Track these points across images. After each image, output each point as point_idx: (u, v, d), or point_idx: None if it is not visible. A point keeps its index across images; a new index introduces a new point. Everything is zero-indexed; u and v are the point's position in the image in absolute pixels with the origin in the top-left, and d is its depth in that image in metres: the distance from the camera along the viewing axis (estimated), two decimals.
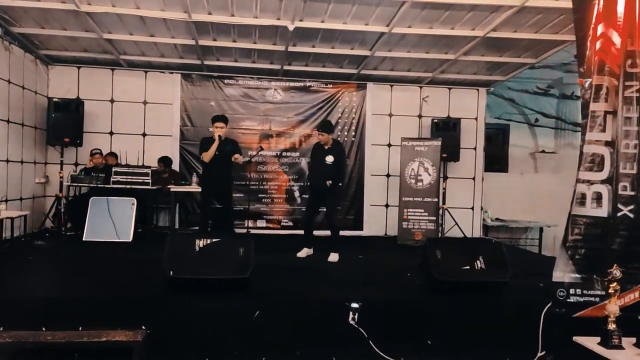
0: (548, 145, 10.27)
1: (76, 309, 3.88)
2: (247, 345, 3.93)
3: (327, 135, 6.14)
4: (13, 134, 7.17)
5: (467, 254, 4.54)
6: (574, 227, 4.09)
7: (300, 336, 3.99)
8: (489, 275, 4.42)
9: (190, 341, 3.88)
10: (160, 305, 3.98)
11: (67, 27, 6.93)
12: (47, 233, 7.71)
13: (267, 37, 7.13)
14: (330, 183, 6.00)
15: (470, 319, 4.18)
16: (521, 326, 4.14)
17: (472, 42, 6.98)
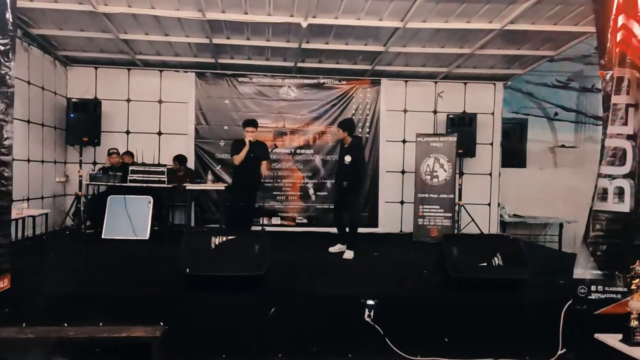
0: (568, 139, 10.12)
1: (97, 305, 3.92)
2: (264, 341, 3.94)
3: (341, 132, 6.15)
4: (33, 134, 7.28)
5: (484, 250, 4.50)
6: (595, 223, 4.01)
7: (316, 333, 3.99)
8: (507, 272, 4.37)
9: (207, 337, 3.91)
10: (178, 302, 4.02)
11: (84, 28, 7.01)
12: (68, 231, 7.82)
13: (281, 34, 7.12)
14: (347, 184, 6.01)
15: (489, 316, 4.14)
16: (541, 324, 4.09)
17: (489, 36, 6.88)
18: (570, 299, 3.99)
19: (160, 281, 4.55)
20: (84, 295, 4.07)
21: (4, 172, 3.76)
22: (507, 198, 9.39)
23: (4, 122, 3.75)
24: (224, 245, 4.23)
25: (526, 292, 4.39)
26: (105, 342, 3.65)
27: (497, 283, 4.36)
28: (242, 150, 6.28)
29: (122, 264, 5.48)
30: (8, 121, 3.78)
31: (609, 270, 3.95)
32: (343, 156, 6.17)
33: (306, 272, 5.23)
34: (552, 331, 4.01)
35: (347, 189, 6.06)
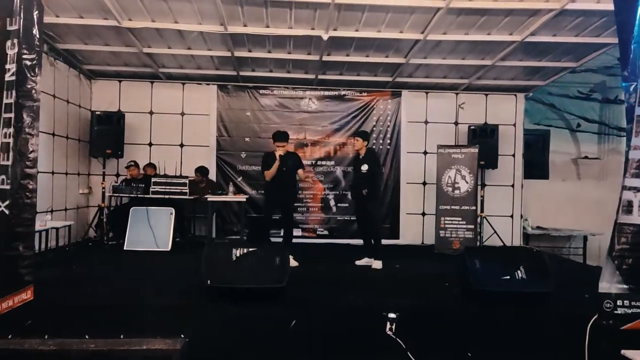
0: (591, 150, 9.94)
1: (117, 317, 3.96)
2: (284, 354, 3.91)
3: (360, 141, 6.21)
4: (58, 147, 7.44)
5: (507, 263, 4.43)
6: (620, 236, 3.91)
7: (337, 346, 3.95)
8: (531, 285, 4.29)
9: (227, 349, 3.89)
10: (199, 313, 4.02)
11: (109, 43, 7.17)
12: (90, 242, 7.93)
13: (302, 47, 7.17)
14: (366, 192, 6.01)
15: (512, 330, 4.06)
16: (566, 339, 3.98)
17: (510, 47, 6.84)
18: (596, 314, 3.89)
19: (182, 293, 4.57)
20: (105, 307, 4.10)
21: (28, 185, 3.83)
22: (530, 210, 9.25)
23: (30, 135, 3.83)
24: (244, 257, 4.24)
25: (550, 306, 4.30)
26: (127, 354, 3.66)
27: (521, 296, 4.28)
28: (272, 165, 6.09)
29: (143, 275, 5.53)
30: (34, 134, 3.86)
31: (635, 284, 3.84)
32: (359, 166, 6.20)
33: (327, 284, 5.21)
34: (578, 346, 3.90)
35: (366, 197, 6.06)
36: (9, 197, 3.70)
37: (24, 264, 3.85)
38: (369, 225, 6.35)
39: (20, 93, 3.77)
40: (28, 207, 3.87)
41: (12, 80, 3.74)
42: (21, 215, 3.81)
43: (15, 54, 3.74)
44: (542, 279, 4.31)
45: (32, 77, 3.85)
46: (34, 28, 3.85)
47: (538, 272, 4.34)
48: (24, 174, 3.81)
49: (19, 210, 3.78)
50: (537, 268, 4.37)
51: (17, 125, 3.75)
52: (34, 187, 3.90)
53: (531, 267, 4.36)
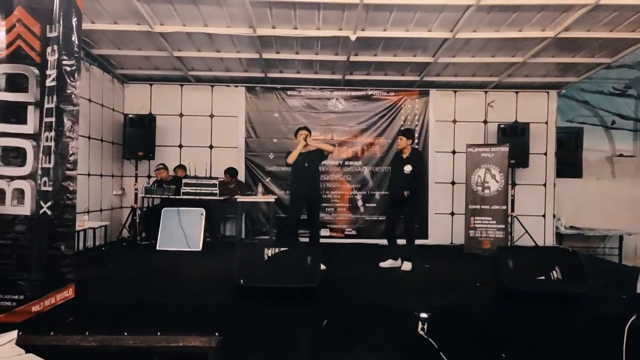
0: (626, 148, 9.70)
1: (154, 315, 4.05)
2: (316, 353, 3.95)
3: (405, 140, 6.12)
4: (93, 149, 7.64)
5: (541, 263, 4.37)
6: None
7: (369, 345, 3.96)
8: (567, 286, 4.22)
9: (260, 348, 3.94)
10: (232, 312, 4.08)
11: (141, 47, 7.32)
12: (124, 242, 8.11)
13: (329, 47, 7.20)
14: (408, 193, 5.94)
15: (547, 331, 4.01)
16: (603, 340, 3.91)
17: (542, 44, 6.73)
18: (634, 314, 3.82)
19: (214, 292, 4.65)
20: (142, 305, 4.20)
21: (69, 186, 3.96)
22: (563, 209, 9.08)
23: (70, 138, 3.96)
24: (276, 257, 4.28)
25: (587, 307, 4.23)
26: (163, 351, 3.75)
27: (556, 297, 4.21)
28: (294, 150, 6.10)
29: (177, 274, 5.63)
30: (74, 138, 4.00)
31: None
32: (402, 166, 6.07)
33: (357, 283, 5.22)
34: (616, 347, 3.83)
35: (408, 199, 5.98)
36: (51, 198, 3.84)
37: (65, 262, 3.99)
38: (408, 227, 6.24)
39: (61, 98, 3.90)
40: (69, 208, 4.00)
41: (53, 86, 3.88)
42: (63, 216, 3.94)
43: (55, 60, 3.87)
44: (579, 279, 4.24)
45: (71, 83, 3.99)
46: (73, 35, 3.98)
47: (574, 272, 4.27)
48: (65, 176, 3.95)
49: (60, 211, 3.92)
50: (573, 268, 4.30)
51: (58, 129, 3.88)
52: (74, 188, 4.04)
53: (567, 267, 4.29)
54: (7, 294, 3.75)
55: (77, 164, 4.13)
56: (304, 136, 6.15)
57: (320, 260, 4.36)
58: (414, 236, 6.23)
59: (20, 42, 3.81)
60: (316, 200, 6.33)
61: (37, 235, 3.79)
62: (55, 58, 3.87)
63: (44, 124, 3.83)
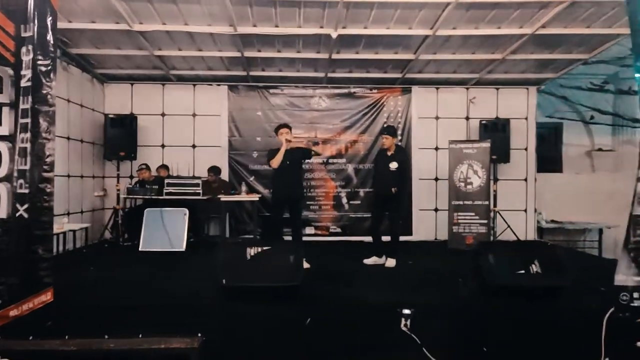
0: (605, 143, 9.87)
1: (136, 317, 4.01)
2: (300, 351, 3.95)
3: (390, 139, 6.14)
4: (73, 150, 7.54)
5: (521, 257, 4.42)
6: (636, 228, 3.88)
7: (352, 343, 3.97)
8: (546, 279, 4.28)
9: (244, 348, 3.93)
10: (215, 312, 4.06)
11: (120, 46, 7.24)
12: (106, 244, 8.02)
13: (311, 45, 7.20)
14: (396, 190, 5.95)
15: (528, 324, 4.05)
16: (582, 332, 3.97)
17: (520, 41, 6.80)
18: (612, 307, 3.87)
19: (197, 292, 4.62)
20: (123, 307, 4.15)
21: (46, 188, 3.90)
22: (544, 204, 9.19)
23: (47, 139, 3.90)
24: (259, 256, 4.28)
25: (566, 300, 4.29)
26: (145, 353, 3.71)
27: (536, 290, 4.27)
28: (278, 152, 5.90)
29: (160, 275, 5.57)
30: (50, 139, 3.93)
31: None
32: (388, 163, 6.08)
33: (341, 281, 5.23)
34: (594, 340, 3.88)
35: (394, 196, 5.99)
36: (27, 200, 3.77)
37: (43, 266, 3.92)
38: (394, 224, 6.28)
39: (36, 98, 3.83)
40: (46, 210, 3.94)
41: (28, 86, 3.81)
42: (40, 219, 3.88)
43: (30, 60, 3.81)
44: (558, 272, 4.30)
45: (47, 83, 3.92)
46: (48, 34, 3.92)
47: (553, 265, 4.33)
48: (41, 178, 3.89)
49: (37, 213, 3.86)
50: (552, 262, 4.36)
51: (33, 130, 3.81)
52: (51, 190, 3.98)
53: (546, 261, 4.35)
54: None
55: (55, 166, 4.07)
56: (286, 134, 5.99)
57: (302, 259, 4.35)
58: (398, 233, 6.24)
59: None
60: (298, 199, 6.20)
61: (13, 238, 3.73)
62: (30, 58, 3.80)
63: (20, 125, 3.76)
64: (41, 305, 3.92)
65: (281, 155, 5.87)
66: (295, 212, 6.19)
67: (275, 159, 5.88)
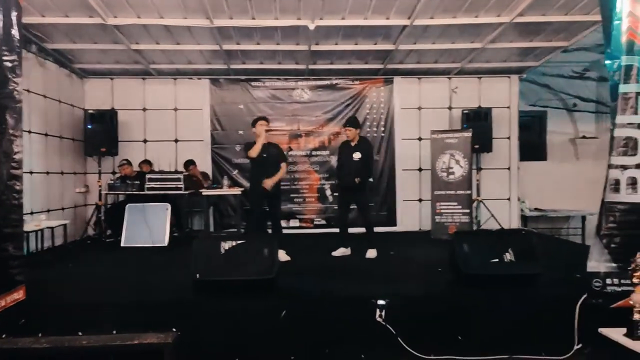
0: (589, 130, 9.87)
1: (110, 314, 3.99)
2: (276, 344, 3.95)
3: (354, 131, 6.13)
4: (51, 147, 7.46)
5: (496, 246, 4.42)
6: (608, 215, 3.93)
7: (327, 335, 3.98)
8: (519, 267, 4.29)
9: (219, 342, 3.93)
10: (190, 307, 4.05)
11: (97, 41, 7.17)
12: (89, 240, 7.97)
13: (290, 37, 7.15)
14: (359, 180, 5.95)
15: (502, 313, 4.08)
16: (556, 319, 4.00)
17: (499, 29, 6.79)
18: (585, 293, 3.90)
19: (174, 287, 4.58)
20: (97, 305, 4.13)
21: (15, 186, 3.85)
22: (527, 192, 9.23)
23: (14, 136, 3.85)
24: (233, 250, 4.25)
25: (541, 287, 4.31)
26: (119, 349, 3.70)
27: (509, 279, 4.28)
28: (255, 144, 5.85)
29: (139, 271, 5.55)
30: (18, 136, 3.88)
31: (624, 262, 3.82)
32: (351, 154, 6.08)
33: (320, 274, 5.23)
34: (568, 326, 3.92)
35: (358, 187, 5.99)
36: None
37: (14, 264, 3.88)
38: (363, 215, 6.30)
39: (2, 95, 3.77)
40: (15, 208, 3.90)
41: None
42: (9, 216, 3.83)
43: None
44: (530, 260, 4.31)
45: (13, 79, 3.86)
46: (12, 29, 3.85)
47: (525, 254, 4.34)
48: (10, 175, 3.84)
49: (6, 211, 3.81)
50: (525, 250, 4.37)
51: (0, 127, 3.77)
52: (20, 188, 3.93)
53: (519, 249, 4.36)
54: None
55: (31, 163, 4.03)
56: (264, 126, 5.95)
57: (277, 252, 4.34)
58: (372, 223, 6.24)
59: None
60: (276, 192, 6.13)
61: None
62: None
63: None
64: (13, 304, 3.88)
65: (259, 145, 5.84)
66: (273, 205, 6.17)
67: (253, 148, 5.86)
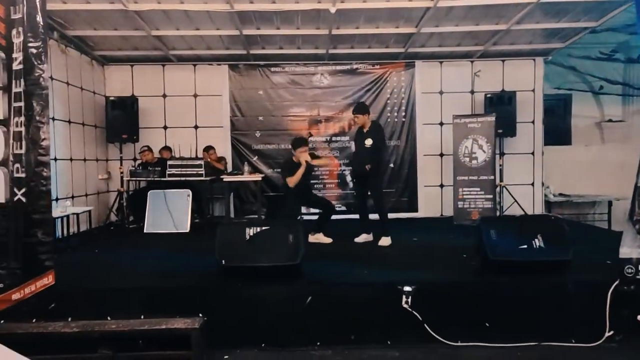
0: (615, 113, 9.64)
1: (138, 299, 4.03)
2: (301, 330, 3.95)
3: (362, 117, 6.00)
4: (75, 134, 7.52)
5: (524, 232, 4.34)
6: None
7: (353, 321, 3.97)
8: (549, 253, 4.21)
9: (245, 328, 3.94)
10: (216, 293, 4.07)
11: (118, 27, 7.16)
12: (112, 226, 8.07)
13: (310, 21, 7.06)
14: (369, 167, 5.84)
15: (531, 299, 4.02)
16: (587, 306, 3.94)
17: (525, 9, 6.60)
18: (617, 280, 3.82)
19: (199, 273, 4.61)
20: (125, 289, 4.17)
21: (42, 172, 3.88)
22: (552, 177, 9.07)
23: (41, 123, 3.86)
24: (258, 236, 4.25)
25: (571, 274, 4.23)
26: (147, 334, 3.74)
27: (539, 265, 4.20)
28: (297, 170, 5.99)
29: (163, 257, 5.58)
30: (45, 122, 3.89)
31: None
32: (363, 140, 5.97)
33: (344, 260, 5.20)
34: (599, 313, 3.86)
35: (371, 173, 5.88)
36: (24, 185, 3.76)
37: (43, 249, 3.92)
38: (376, 202, 6.15)
39: (29, 81, 3.78)
40: (44, 194, 3.92)
41: (20, 69, 3.76)
42: (37, 203, 3.87)
43: (20, 42, 3.75)
44: (561, 246, 4.22)
45: (39, 65, 3.86)
46: (37, 15, 3.84)
47: (556, 239, 4.25)
48: (37, 162, 3.86)
49: (35, 197, 3.84)
50: (555, 236, 4.28)
51: (27, 113, 3.78)
52: (48, 174, 3.95)
53: (548, 235, 4.27)
54: None
55: (56, 149, 4.05)
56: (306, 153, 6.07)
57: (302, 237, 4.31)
58: (384, 210, 6.09)
59: None
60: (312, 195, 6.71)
61: (12, 223, 3.72)
62: (20, 40, 3.74)
63: (13, 109, 3.73)
64: (43, 288, 3.93)
65: (299, 176, 5.97)
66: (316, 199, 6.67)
67: (293, 179, 5.98)
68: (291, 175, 5.98)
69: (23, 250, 3.81)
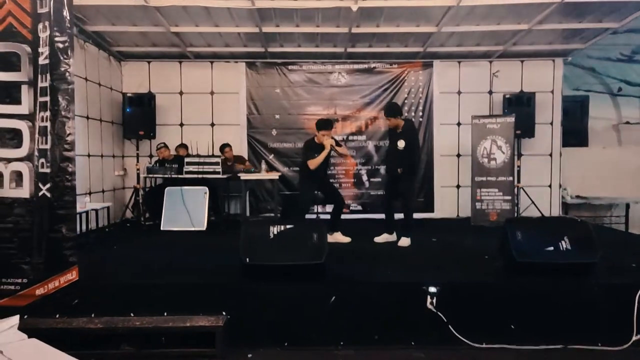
0: (633, 115, 9.51)
1: (160, 295, 4.02)
2: (325, 330, 3.92)
3: (392, 120, 5.86)
4: (92, 130, 7.53)
5: (550, 234, 4.29)
6: None
7: (377, 321, 3.94)
8: (576, 256, 4.15)
9: (268, 326, 3.92)
10: (239, 291, 4.03)
11: (136, 23, 7.14)
12: (128, 223, 8.07)
13: (330, 19, 7.02)
14: (402, 170, 5.79)
15: (557, 302, 3.97)
16: (613, 309, 3.89)
17: (548, 10, 6.52)
18: None
19: (220, 271, 4.58)
20: (148, 286, 4.15)
21: (68, 167, 3.88)
22: (569, 179, 8.97)
23: (66, 118, 3.86)
24: (282, 235, 4.22)
25: (596, 277, 4.17)
26: (171, 331, 3.74)
27: (566, 268, 4.14)
28: (320, 153, 5.83)
29: (182, 254, 5.56)
30: (70, 117, 3.89)
31: None
32: (395, 142, 5.86)
33: (365, 259, 5.16)
34: (626, 316, 3.81)
35: (401, 176, 5.84)
36: (49, 180, 3.77)
37: (67, 245, 3.93)
38: (403, 203, 6.07)
39: (55, 76, 3.80)
40: (68, 189, 3.93)
41: (46, 64, 3.77)
42: (62, 198, 3.88)
43: (47, 36, 3.76)
44: (588, 249, 4.16)
45: (65, 60, 3.87)
46: (64, 9, 3.85)
47: (583, 242, 4.19)
48: (62, 157, 3.87)
49: (60, 193, 3.85)
50: (582, 238, 4.22)
51: (53, 108, 3.79)
52: (73, 169, 3.95)
53: (576, 237, 4.22)
54: (10, 277, 3.73)
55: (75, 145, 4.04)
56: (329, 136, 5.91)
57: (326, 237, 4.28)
58: (409, 212, 6.00)
59: (11, 19, 3.70)
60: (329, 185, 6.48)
61: (37, 218, 3.74)
62: (47, 35, 3.75)
63: (39, 104, 3.74)
64: (67, 284, 3.93)
65: (322, 159, 5.84)
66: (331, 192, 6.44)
67: (315, 161, 5.83)
68: (312, 157, 5.84)
69: (47, 246, 3.82)
